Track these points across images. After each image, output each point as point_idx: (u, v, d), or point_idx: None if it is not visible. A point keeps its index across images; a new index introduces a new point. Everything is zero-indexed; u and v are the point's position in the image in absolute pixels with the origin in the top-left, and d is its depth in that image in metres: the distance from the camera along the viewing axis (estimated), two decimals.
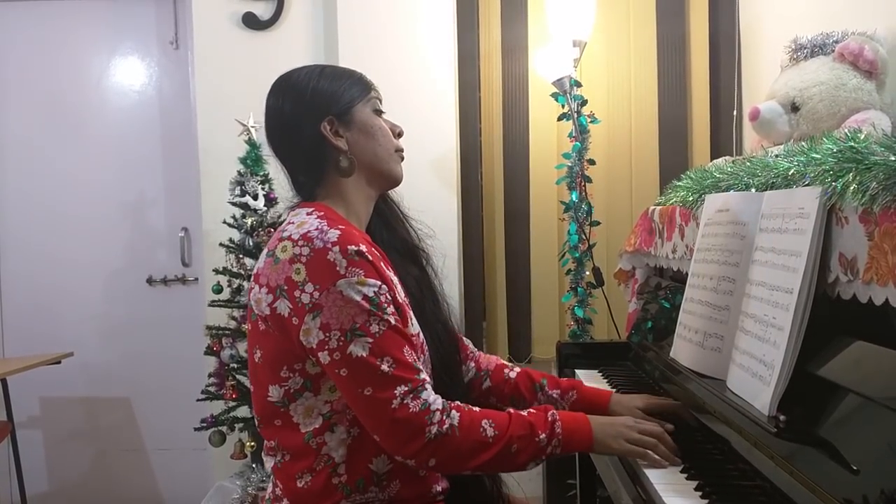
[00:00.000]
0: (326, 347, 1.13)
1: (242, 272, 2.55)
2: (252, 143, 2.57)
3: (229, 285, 2.59)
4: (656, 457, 1.21)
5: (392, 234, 1.39)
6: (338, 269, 1.14)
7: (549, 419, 1.21)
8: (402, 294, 1.25)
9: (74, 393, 3.23)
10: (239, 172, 2.57)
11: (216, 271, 2.58)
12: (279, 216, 2.59)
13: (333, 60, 2.80)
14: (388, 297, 1.18)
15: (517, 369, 1.53)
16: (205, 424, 2.58)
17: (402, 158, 1.35)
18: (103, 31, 3.20)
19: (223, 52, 2.88)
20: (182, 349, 3.08)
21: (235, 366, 2.54)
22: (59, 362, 2.87)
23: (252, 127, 2.56)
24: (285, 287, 1.16)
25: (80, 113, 3.20)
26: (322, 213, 1.22)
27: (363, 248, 1.17)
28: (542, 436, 1.19)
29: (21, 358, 2.90)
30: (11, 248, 3.23)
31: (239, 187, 2.55)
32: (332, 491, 1.20)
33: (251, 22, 2.87)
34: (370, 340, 1.13)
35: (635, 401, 1.44)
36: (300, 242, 1.16)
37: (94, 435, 3.26)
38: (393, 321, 1.16)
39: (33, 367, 2.71)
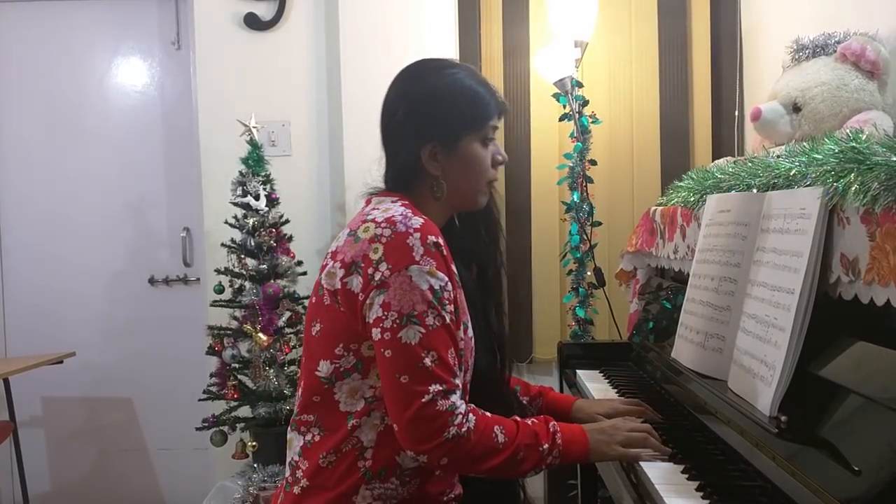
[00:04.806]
0: (381, 325, 1.16)
1: (244, 272, 2.55)
2: (253, 144, 2.57)
3: (231, 285, 2.59)
4: (651, 453, 1.24)
5: (466, 237, 1.40)
6: (413, 254, 1.17)
7: (551, 430, 1.24)
8: (462, 296, 1.27)
9: (76, 393, 3.23)
10: (240, 172, 2.57)
11: (218, 271, 2.58)
12: (281, 216, 2.60)
13: (335, 62, 2.80)
14: (451, 295, 1.20)
15: None
16: (206, 424, 2.58)
17: (492, 189, 1.37)
18: (105, 32, 3.20)
19: (225, 53, 2.88)
20: (184, 349, 3.08)
21: (237, 366, 2.55)
22: (61, 362, 2.87)
23: (254, 127, 2.56)
24: (361, 264, 1.19)
25: (81, 113, 3.21)
26: (407, 203, 1.26)
27: (441, 241, 1.20)
28: (545, 446, 1.21)
29: (23, 357, 2.90)
30: (13, 248, 3.24)
31: (240, 187, 2.56)
32: (353, 474, 1.21)
33: (253, 22, 2.86)
34: (423, 331, 1.16)
35: (595, 406, 1.48)
36: (383, 224, 1.20)
37: (95, 434, 3.26)
38: (448, 319, 1.19)
39: (35, 366, 2.71)
